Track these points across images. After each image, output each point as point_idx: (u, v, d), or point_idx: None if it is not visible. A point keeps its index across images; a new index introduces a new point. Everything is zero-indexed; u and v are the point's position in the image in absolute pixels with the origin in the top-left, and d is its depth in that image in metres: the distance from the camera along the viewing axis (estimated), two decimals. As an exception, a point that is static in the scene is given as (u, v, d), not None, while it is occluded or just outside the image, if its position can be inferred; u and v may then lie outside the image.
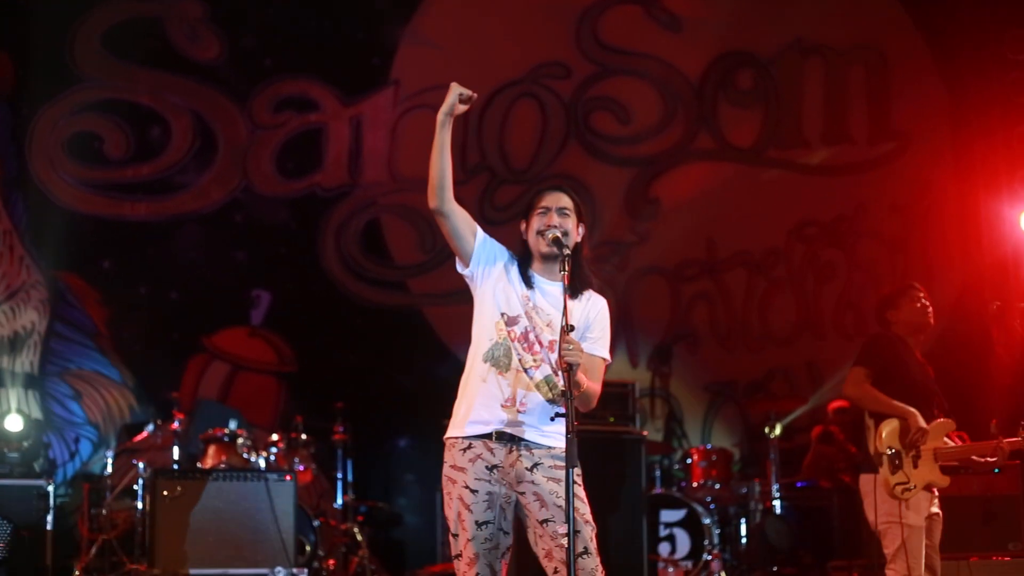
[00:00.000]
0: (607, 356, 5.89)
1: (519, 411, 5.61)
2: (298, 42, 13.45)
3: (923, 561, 7.47)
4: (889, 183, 14.26)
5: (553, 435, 5.63)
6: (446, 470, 5.71)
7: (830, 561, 11.50)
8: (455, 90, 5.74)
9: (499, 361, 5.67)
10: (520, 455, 5.64)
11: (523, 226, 5.90)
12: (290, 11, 13.46)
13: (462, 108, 5.76)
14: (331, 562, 11.28)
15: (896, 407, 7.61)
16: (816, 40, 14.35)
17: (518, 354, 5.66)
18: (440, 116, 5.72)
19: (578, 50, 14.04)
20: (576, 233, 5.81)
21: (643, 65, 14.16)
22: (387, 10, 13.75)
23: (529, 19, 13.94)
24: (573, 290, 5.73)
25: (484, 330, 5.76)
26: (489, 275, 5.79)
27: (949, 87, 14.18)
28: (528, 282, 5.79)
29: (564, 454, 5.56)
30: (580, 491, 5.57)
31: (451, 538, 5.68)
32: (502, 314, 5.72)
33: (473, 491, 5.63)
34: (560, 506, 5.54)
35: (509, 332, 5.69)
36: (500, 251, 5.84)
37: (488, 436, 5.64)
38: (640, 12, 14.16)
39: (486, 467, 5.64)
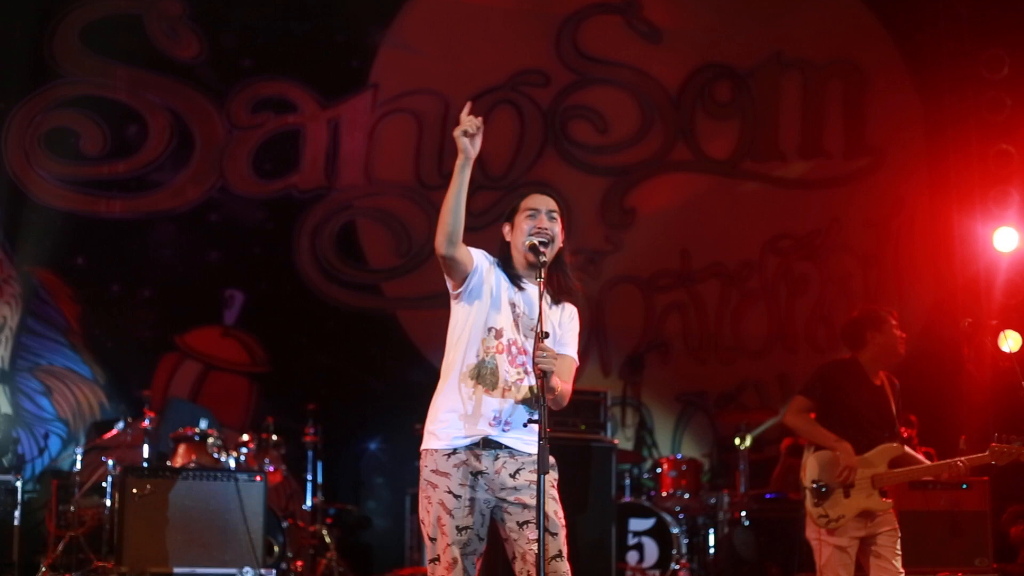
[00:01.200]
0: (575, 356, 5.90)
1: (504, 428, 5.64)
2: (277, 43, 13.43)
3: None
4: (864, 198, 14.33)
5: (536, 443, 5.64)
6: (426, 474, 5.70)
7: (796, 574, 11.52)
8: (461, 132, 5.52)
9: (486, 379, 5.67)
10: (505, 462, 5.66)
11: (506, 228, 5.89)
12: (270, 12, 13.44)
13: (477, 142, 5.56)
14: (299, 563, 11.26)
15: (829, 440, 7.76)
16: (795, 54, 14.42)
17: (504, 370, 5.67)
18: (460, 160, 5.54)
19: (557, 58, 14.07)
20: (560, 238, 5.83)
21: (622, 75, 14.20)
22: (367, 13, 13.73)
23: (509, 26, 13.96)
24: (553, 296, 5.75)
25: (470, 344, 5.73)
26: (480, 291, 5.77)
27: (925, 104, 14.27)
28: (517, 283, 5.80)
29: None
30: (556, 494, 5.62)
31: (428, 541, 5.68)
32: (490, 329, 5.72)
33: (456, 496, 5.63)
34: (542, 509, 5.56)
35: (496, 346, 5.69)
36: (487, 262, 5.82)
37: (476, 444, 5.66)
38: (620, 22, 14.21)
39: (471, 473, 5.65)
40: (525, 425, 5.59)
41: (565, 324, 5.89)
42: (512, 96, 14.01)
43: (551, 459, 5.70)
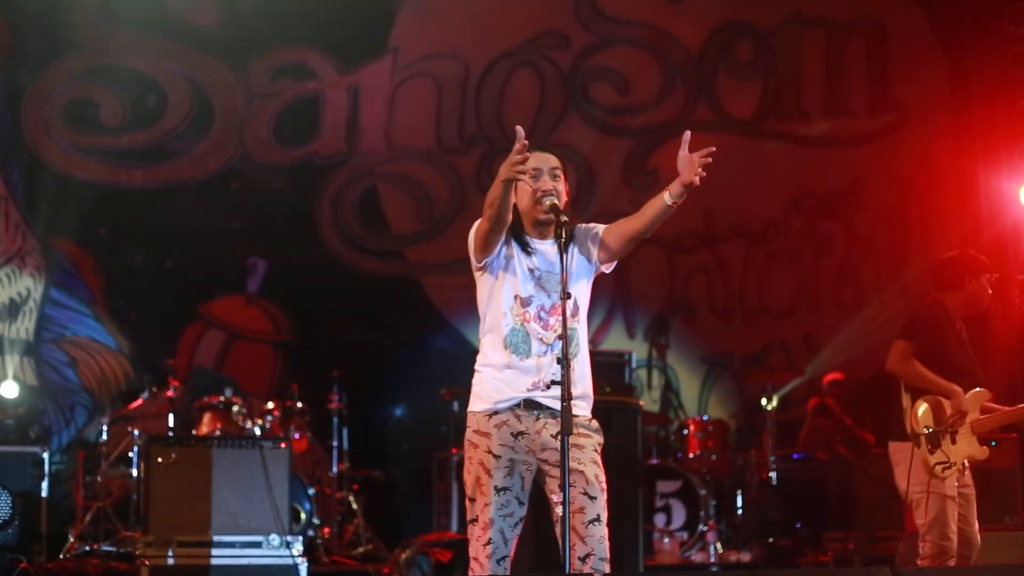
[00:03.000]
0: (601, 226, 5.91)
1: (544, 389, 5.61)
2: (296, 9, 13.36)
3: (955, 532, 7.42)
4: (888, 156, 14.23)
5: (578, 403, 5.61)
6: (469, 435, 5.72)
7: (825, 532, 11.50)
8: (514, 172, 5.41)
9: (519, 348, 5.66)
10: (546, 423, 5.63)
11: None
12: (288, -22, 13.39)
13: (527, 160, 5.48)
14: (326, 530, 11.28)
15: (941, 385, 7.46)
16: (817, 12, 14.31)
17: (537, 335, 5.65)
18: (504, 176, 5.43)
19: (577, 20, 13.98)
20: (565, 193, 5.79)
21: (642, 35, 14.11)
22: (386, -22, 13.70)
23: (529, -12, 13.90)
24: (566, 246, 5.67)
25: (499, 316, 5.74)
26: (499, 263, 5.75)
27: (949, 59, 14.14)
28: (526, 248, 5.75)
29: (590, 423, 5.60)
30: (599, 459, 5.60)
31: (468, 502, 5.68)
32: (515, 296, 5.70)
33: (496, 456, 5.62)
34: (581, 472, 5.54)
35: (524, 314, 5.68)
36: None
37: (517, 405, 5.64)
38: (640, -18, 14.13)
39: (511, 434, 5.63)
40: (547, 387, 5.56)
41: (589, 232, 5.85)
42: (532, 59, 13.93)
43: (595, 423, 5.70)
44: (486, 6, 13.76)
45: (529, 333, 5.67)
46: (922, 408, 7.47)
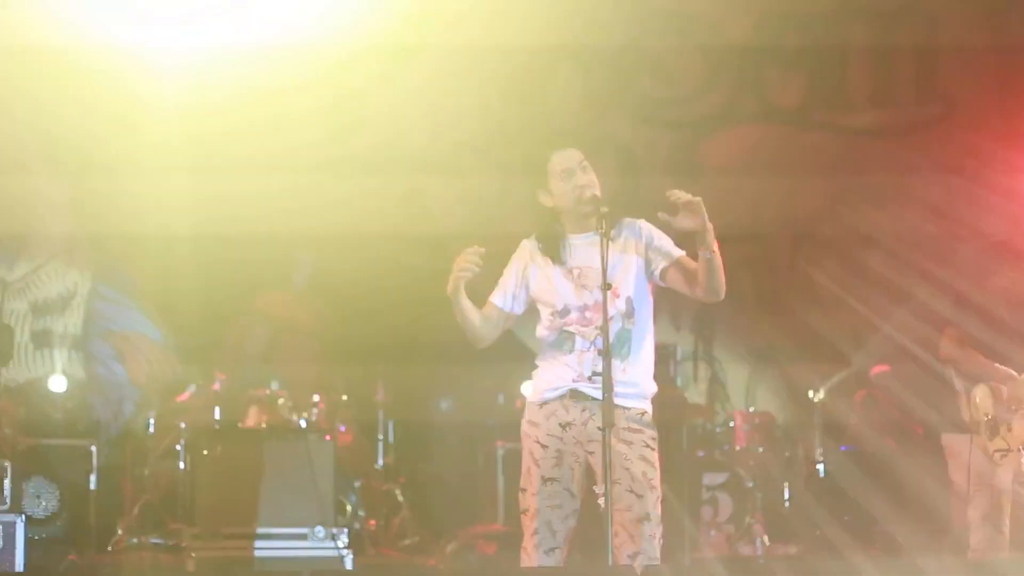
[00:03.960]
0: (680, 252, 6.01)
1: (592, 380, 5.63)
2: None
3: (1008, 526, 7.38)
4: (936, 145, 14.11)
5: (627, 395, 5.62)
6: (523, 424, 5.80)
7: (874, 524, 11.45)
8: (463, 272, 5.73)
9: (562, 345, 5.71)
10: (592, 414, 5.62)
11: (543, 195, 5.83)
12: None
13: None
14: (372, 523, 11.30)
15: (998, 371, 7.44)
16: (864, 1, 14.20)
17: (579, 333, 5.67)
18: (451, 290, 5.78)
19: (619, 11, 13.92)
20: (596, 182, 5.80)
21: (687, 26, 14.04)
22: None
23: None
24: (608, 235, 5.66)
25: (544, 325, 5.86)
26: (524, 301, 5.94)
27: (997, 48, 14.02)
28: (558, 256, 5.75)
29: (642, 416, 5.60)
30: (651, 455, 5.59)
31: (520, 493, 5.70)
32: (552, 312, 5.73)
33: (544, 446, 5.66)
34: (628, 469, 5.52)
35: (564, 322, 5.70)
36: (519, 268, 5.82)
37: (564, 395, 5.66)
38: (685, -27, 14.07)
39: (559, 424, 5.66)
40: (590, 379, 5.56)
41: (647, 237, 5.82)
42: (576, 51, 13.88)
43: (648, 417, 5.71)
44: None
45: (572, 332, 5.69)
46: (981, 394, 7.43)
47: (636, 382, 5.75)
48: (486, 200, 13.42)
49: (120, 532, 10.70)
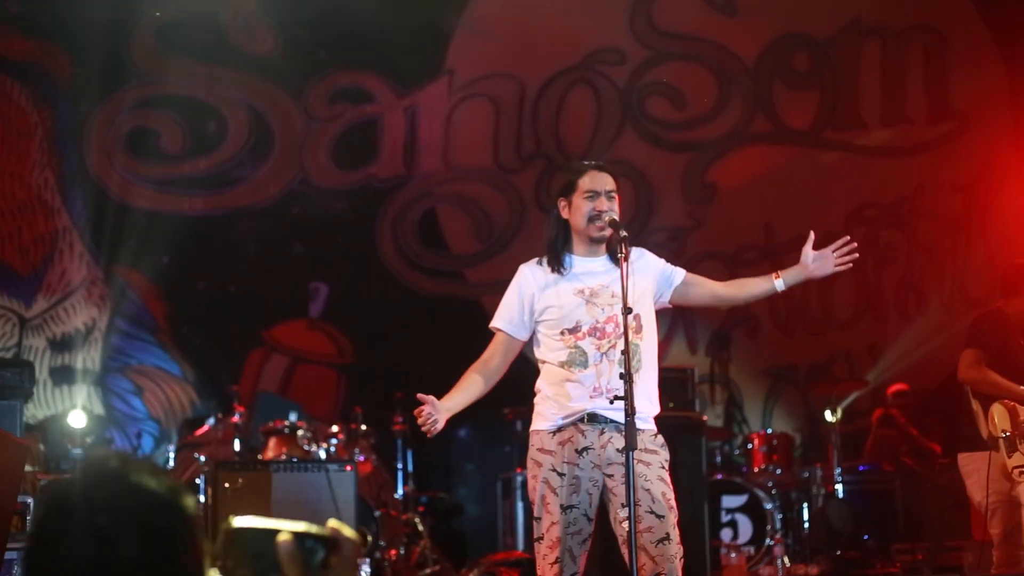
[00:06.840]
0: (678, 269, 6.06)
1: (610, 401, 5.57)
2: (352, 33, 13.41)
3: None
4: (949, 163, 14.13)
5: (644, 417, 5.61)
6: (532, 453, 5.74)
7: (893, 544, 11.42)
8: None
9: (576, 360, 5.68)
10: (611, 437, 5.61)
11: (562, 204, 5.84)
12: (343, 2, 13.43)
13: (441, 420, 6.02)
14: (393, 552, 11.29)
15: (1016, 391, 7.42)
16: (874, 21, 14.22)
17: (593, 346, 5.66)
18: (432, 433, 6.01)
19: (632, 35, 13.97)
20: (617, 214, 5.81)
21: (698, 49, 14.08)
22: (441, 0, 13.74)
23: (583, 5, 13.86)
24: (616, 259, 5.69)
25: (552, 348, 5.81)
26: (529, 323, 5.91)
27: (1008, 64, 14.05)
28: (561, 269, 5.76)
29: (655, 438, 5.59)
30: (666, 475, 5.58)
31: (534, 521, 5.69)
32: (562, 331, 5.71)
33: (560, 474, 5.63)
34: (648, 490, 5.52)
35: (577, 336, 5.69)
36: (527, 289, 5.84)
37: (580, 420, 5.64)
38: (694, -5, 14.11)
39: (576, 450, 5.63)
40: (611, 402, 5.53)
41: (652, 267, 5.85)
42: (588, 75, 13.94)
43: (661, 439, 5.68)
44: (540, 25, 13.75)
45: (584, 348, 5.68)
46: (998, 412, 7.41)
47: (649, 397, 5.74)
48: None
49: (141, 566, 10.70)
